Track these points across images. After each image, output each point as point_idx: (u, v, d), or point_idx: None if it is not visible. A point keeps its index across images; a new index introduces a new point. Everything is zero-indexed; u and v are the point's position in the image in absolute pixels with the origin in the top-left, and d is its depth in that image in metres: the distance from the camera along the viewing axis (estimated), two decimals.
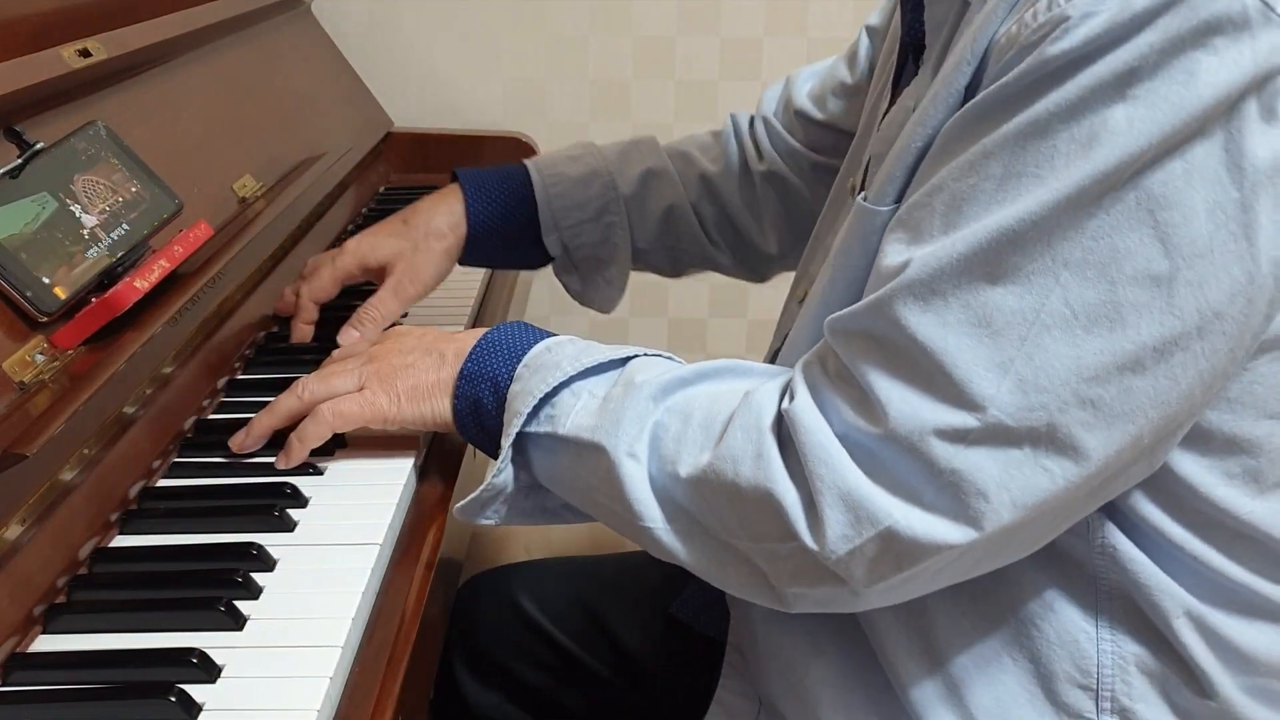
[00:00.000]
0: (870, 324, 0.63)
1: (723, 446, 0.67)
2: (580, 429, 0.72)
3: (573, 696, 1.06)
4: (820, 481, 0.62)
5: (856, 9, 1.69)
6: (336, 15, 1.63)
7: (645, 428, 0.70)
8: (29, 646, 0.67)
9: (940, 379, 0.60)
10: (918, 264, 0.61)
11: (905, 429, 0.60)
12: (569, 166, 1.10)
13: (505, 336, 0.79)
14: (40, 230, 0.81)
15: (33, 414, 0.71)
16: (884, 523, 0.61)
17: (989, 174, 0.60)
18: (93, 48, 0.94)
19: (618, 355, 0.76)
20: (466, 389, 0.79)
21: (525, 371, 0.76)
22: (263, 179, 1.15)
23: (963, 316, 0.60)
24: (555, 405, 0.74)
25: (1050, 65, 0.57)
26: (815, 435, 0.63)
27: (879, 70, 0.92)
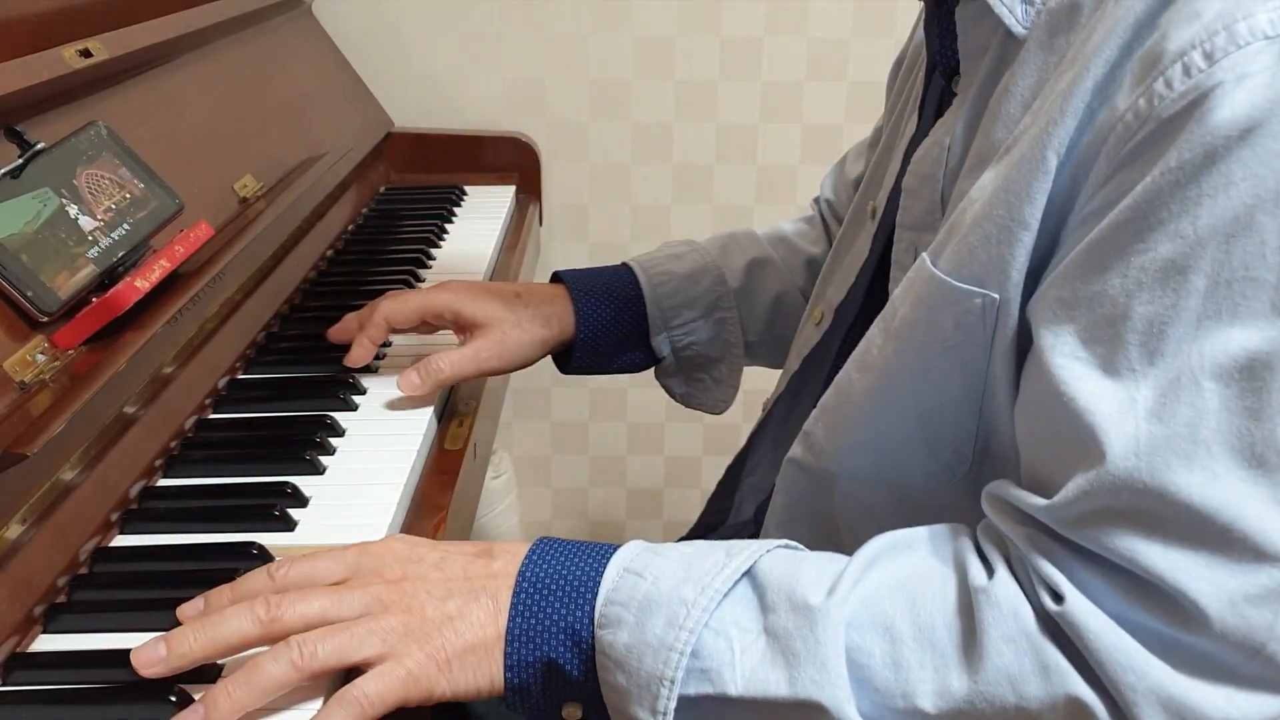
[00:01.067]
0: (1120, 501, 0.54)
1: (988, 666, 0.56)
2: (766, 685, 0.57)
3: None
4: (1131, 691, 0.54)
5: (856, 9, 1.69)
6: (337, 15, 1.63)
7: (842, 659, 0.57)
8: (29, 646, 0.67)
9: (1231, 538, 0.53)
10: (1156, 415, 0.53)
11: (1216, 610, 0.53)
12: (674, 264, 1.04)
13: (553, 566, 0.63)
14: (41, 230, 0.81)
15: (33, 414, 0.71)
16: (1214, 718, 0.54)
17: (1190, 288, 0.52)
18: (93, 48, 0.95)
19: (738, 564, 0.61)
20: (525, 653, 0.61)
21: (621, 613, 0.60)
22: (263, 179, 1.15)
23: (1233, 463, 0.53)
24: (701, 656, 0.58)
25: (1220, 142, 0.51)
26: (1108, 638, 0.54)
27: (900, 89, 0.89)
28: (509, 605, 0.61)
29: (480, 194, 1.55)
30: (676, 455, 1.95)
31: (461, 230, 1.41)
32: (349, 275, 1.23)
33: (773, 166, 1.78)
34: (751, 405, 1.92)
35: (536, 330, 0.97)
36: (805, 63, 1.72)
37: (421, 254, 1.29)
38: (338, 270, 1.25)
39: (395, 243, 1.33)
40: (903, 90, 0.89)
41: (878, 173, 0.88)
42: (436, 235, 1.37)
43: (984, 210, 0.61)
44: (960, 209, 0.64)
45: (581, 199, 1.78)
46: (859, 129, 1.75)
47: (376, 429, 0.90)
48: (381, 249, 1.31)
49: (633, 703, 0.58)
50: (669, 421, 1.92)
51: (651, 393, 1.91)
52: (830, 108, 1.75)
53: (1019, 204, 0.59)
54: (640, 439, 1.94)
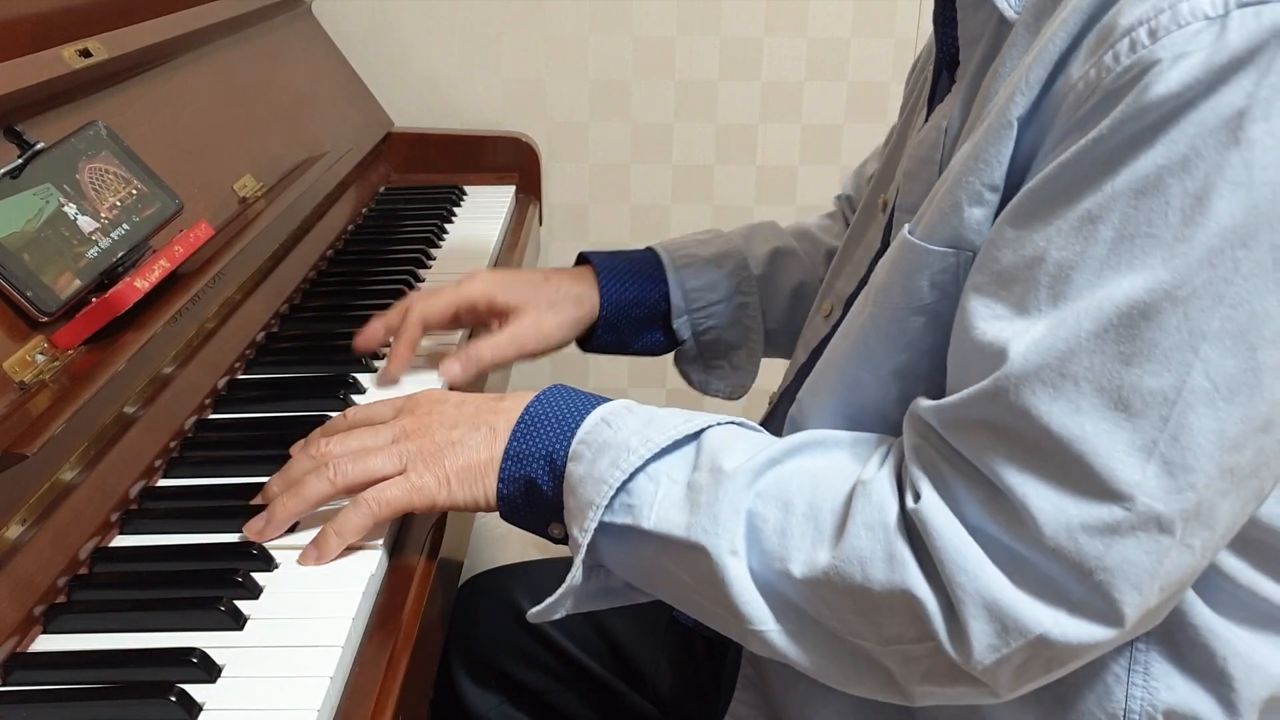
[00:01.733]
0: (994, 415, 0.58)
1: (846, 546, 0.62)
2: (670, 525, 0.66)
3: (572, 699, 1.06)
4: (961, 590, 0.58)
5: (856, 9, 1.69)
6: (337, 15, 1.63)
7: (740, 518, 0.65)
8: (29, 646, 0.67)
9: (1081, 471, 0.56)
10: (1038, 345, 0.57)
11: (1051, 529, 0.56)
12: (699, 248, 1.06)
13: (551, 408, 0.73)
14: (41, 230, 0.81)
15: (33, 414, 0.71)
16: (1034, 632, 0.57)
17: (1097, 238, 0.56)
18: (93, 48, 0.95)
19: (689, 429, 0.70)
20: (514, 470, 0.72)
21: (584, 450, 0.69)
22: (263, 179, 1.15)
23: (1098, 401, 0.56)
24: (632, 493, 0.68)
25: (1149, 114, 0.54)
26: (951, 540, 0.59)
27: (913, 87, 0.90)
28: (509, 432, 0.72)
29: (480, 194, 1.55)
30: None
31: (461, 230, 1.41)
32: (349, 275, 1.23)
33: (773, 166, 1.78)
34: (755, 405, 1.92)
35: (569, 310, 1.01)
36: (805, 63, 1.72)
37: (421, 254, 1.29)
38: (338, 270, 1.25)
39: (395, 243, 1.33)
40: (915, 88, 0.90)
41: (889, 167, 0.88)
42: (436, 235, 1.37)
43: (957, 178, 0.64)
44: (938, 181, 0.68)
45: (581, 199, 1.78)
46: (859, 129, 1.75)
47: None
48: (381, 249, 1.30)
49: (574, 521, 0.69)
50: None
51: (651, 393, 1.91)
52: (830, 108, 1.75)
53: (988, 170, 0.62)
54: None
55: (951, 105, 0.72)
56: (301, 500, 0.74)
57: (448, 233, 1.39)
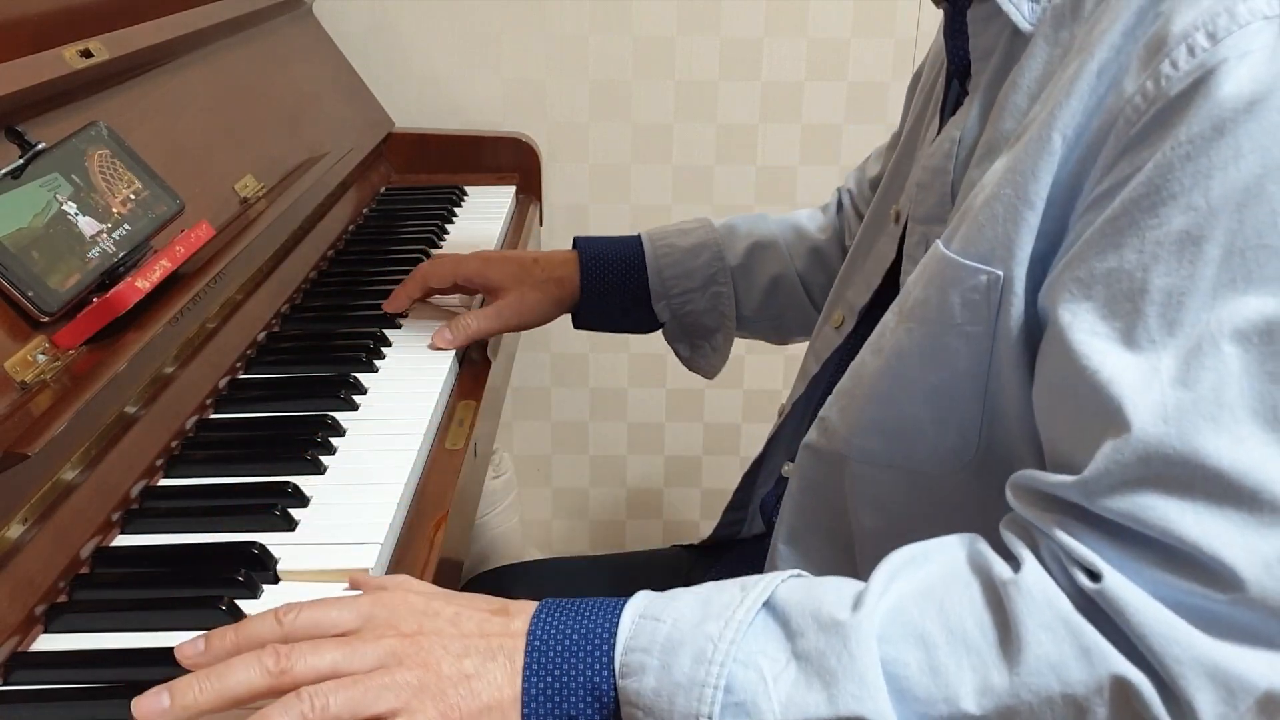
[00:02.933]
0: (1150, 470, 0.54)
1: (1028, 658, 0.55)
2: (805, 708, 0.56)
3: None
4: (1177, 664, 0.53)
5: (856, 9, 1.69)
6: (337, 15, 1.63)
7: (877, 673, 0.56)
8: (30, 646, 0.67)
9: (1260, 500, 0.53)
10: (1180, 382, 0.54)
11: (1253, 573, 0.52)
12: (680, 238, 1.13)
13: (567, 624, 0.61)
14: (42, 230, 0.81)
15: (34, 414, 0.71)
16: (1261, 688, 0.53)
17: (1205, 258, 0.54)
18: (94, 48, 0.95)
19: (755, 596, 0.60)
20: (545, 713, 0.59)
21: (645, 660, 0.58)
22: (264, 179, 1.16)
23: (1257, 427, 0.53)
24: (733, 690, 0.57)
25: (1226, 115, 0.53)
26: (1147, 612, 0.54)
27: (921, 96, 0.90)
28: (524, 666, 0.59)
29: (480, 194, 1.55)
30: (676, 455, 1.95)
31: (462, 230, 1.41)
32: (350, 275, 1.23)
33: (773, 166, 1.78)
34: (752, 405, 1.93)
35: (551, 290, 1.09)
36: (805, 63, 1.72)
37: (422, 254, 1.29)
38: (338, 270, 1.25)
39: (396, 243, 1.33)
40: (922, 96, 0.90)
41: (897, 177, 0.88)
42: (437, 235, 1.37)
43: (993, 192, 0.63)
44: (972, 195, 0.66)
45: (581, 199, 1.78)
46: (859, 129, 1.75)
47: (377, 429, 0.90)
48: (382, 249, 1.31)
49: None
50: (669, 421, 1.92)
51: (651, 392, 1.91)
52: (830, 108, 1.75)
53: (1025, 184, 0.61)
54: (640, 439, 1.94)
55: (965, 116, 0.72)
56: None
57: (448, 233, 1.40)
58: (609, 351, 1.87)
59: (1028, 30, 0.65)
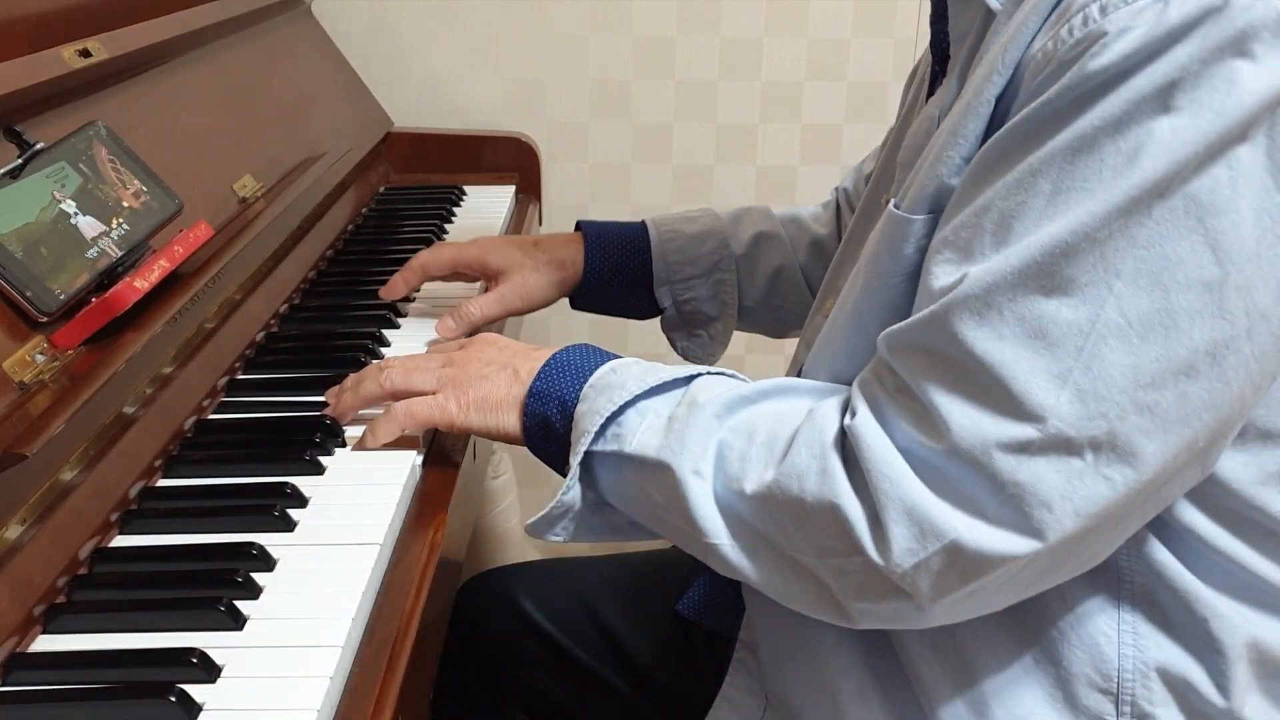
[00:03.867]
0: (927, 339, 0.64)
1: (787, 463, 0.68)
2: (646, 447, 0.73)
3: (573, 698, 1.06)
4: (884, 496, 0.63)
5: (856, 9, 1.69)
6: (336, 15, 1.63)
7: (710, 446, 0.71)
8: (29, 646, 0.67)
9: (999, 392, 0.61)
10: (972, 279, 0.62)
11: (967, 443, 0.61)
12: (685, 225, 1.14)
13: (573, 357, 0.82)
14: (41, 230, 0.81)
15: (33, 414, 0.71)
16: (949, 536, 0.62)
17: (1038, 190, 0.61)
18: (93, 48, 0.95)
19: (681, 375, 0.77)
20: (535, 407, 0.81)
21: (591, 391, 0.77)
22: (263, 179, 1.15)
23: (1019, 330, 0.60)
24: (621, 424, 0.75)
25: (1091, 81, 0.59)
26: (878, 450, 0.64)
27: (914, 89, 0.93)
28: (531, 376, 0.81)
29: (480, 194, 1.55)
30: None
31: (461, 230, 1.41)
32: (349, 275, 1.23)
33: (773, 166, 1.78)
34: None
35: (552, 273, 1.10)
36: (805, 63, 1.72)
37: None
38: (337, 270, 1.24)
39: (395, 243, 1.33)
40: (913, 89, 0.92)
41: (888, 168, 0.89)
42: (436, 235, 1.36)
43: (938, 153, 0.68)
44: (919, 158, 0.72)
45: (581, 199, 1.78)
46: (859, 129, 1.75)
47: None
48: (381, 249, 1.30)
49: (572, 450, 0.76)
50: None
51: None
52: (830, 108, 1.75)
53: (964, 144, 0.67)
54: None
55: (943, 96, 0.74)
56: (357, 395, 0.87)
57: (448, 233, 1.39)
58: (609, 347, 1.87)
59: (996, 9, 0.69)
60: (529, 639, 1.07)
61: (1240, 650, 0.69)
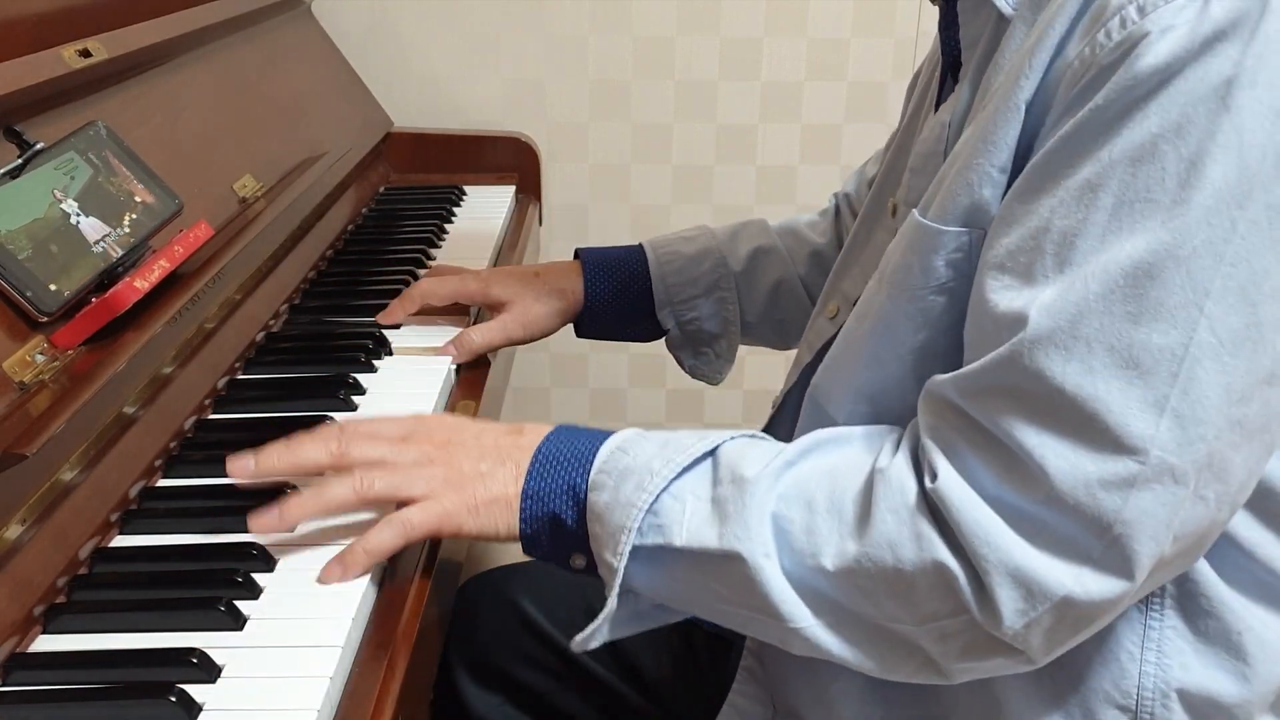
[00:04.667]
0: (1007, 379, 0.61)
1: (874, 533, 0.64)
2: (702, 538, 0.68)
3: (572, 699, 1.06)
4: (985, 561, 0.60)
5: (856, 9, 1.69)
6: (336, 15, 1.63)
7: (767, 522, 0.67)
8: (29, 646, 0.67)
9: (1096, 428, 0.58)
10: (1049, 310, 0.59)
11: (1068, 485, 0.59)
12: (683, 246, 1.14)
13: (565, 444, 0.75)
14: (41, 230, 0.81)
15: (33, 414, 0.71)
16: (1058, 594, 0.60)
17: (1098, 205, 0.59)
18: (93, 48, 0.95)
19: (704, 446, 0.72)
20: (536, 509, 0.74)
21: (605, 479, 0.71)
22: (263, 179, 1.15)
23: (1109, 360, 0.58)
24: (659, 514, 0.69)
25: (1141, 84, 0.57)
26: (969, 512, 0.61)
27: (918, 92, 0.92)
28: (526, 471, 0.74)
29: (480, 194, 1.55)
30: None
31: (461, 230, 1.41)
32: (349, 275, 1.23)
33: (772, 166, 1.78)
34: (753, 404, 1.93)
35: (554, 303, 1.10)
36: (805, 63, 1.72)
37: (421, 254, 1.29)
38: (337, 270, 1.25)
39: (395, 243, 1.33)
40: (919, 92, 0.91)
41: (893, 170, 0.89)
42: (436, 235, 1.37)
43: (966, 160, 0.66)
44: (945, 165, 0.70)
45: (581, 199, 1.78)
46: (859, 129, 1.75)
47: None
48: (381, 249, 1.30)
49: (604, 548, 0.70)
50: (669, 422, 1.92)
51: (651, 393, 1.91)
52: (830, 108, 1.75)
53: (996, 152, 0.65)
54: None
55: (955, 102, 0.73)
56: (322, 503, 0.74)
57: (448, 233, 1.39)
58: (609, 352, 1.87)
59: (1009, 14, 0.68)
60: (529, 639, 1.06)
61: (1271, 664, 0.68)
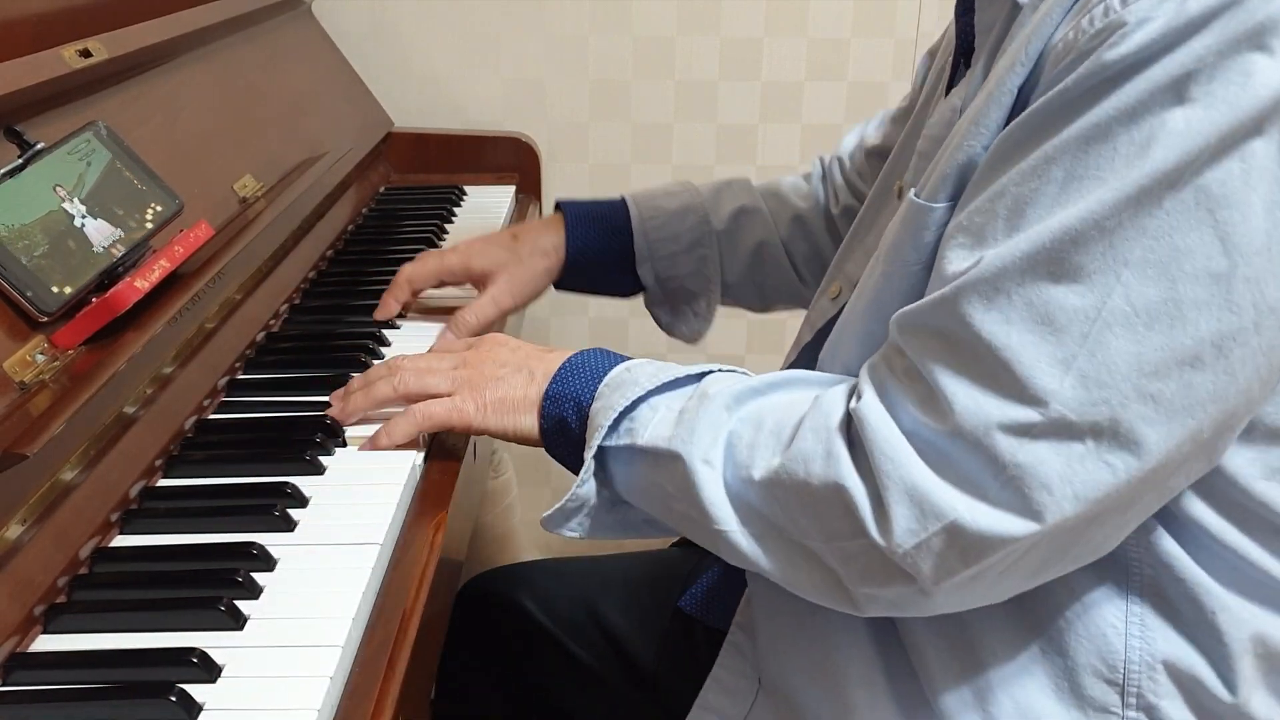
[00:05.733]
0: (936, 320, 0.64)
1: (794, 448, 0.69)
2: (657, 439, 0.74)
3: (574, 697, 1.06)
4: (886, 477, 0.64)
5: (856, 9, 1.69)
6: (336, 15, 1.63)
7: (720, 436, 0.73)
8: (29, 646, 0.67)
9: (1004, 375, 0.61)
10: (984, 263, 0.62)
11: (970, 424, 0.62)
12: (666, 201, 1.14)
13: (589, 359, 0.82)
14: (41, 230, 0.81)
15: (33, 414, 0.71)
16: (949, 516, 0.62)
17: (1051, 177, 0.61)
18: (93, 48, 0.95)
19: (693, 372, 0.79)
20: (552, 408, 0.82)
21: (606, 390, 0.79)
22: (263, 179, 1.15)
23: (1026, 314, 0.61)
24: (634, 419, 0.76)
25: (1108, 70, 0.59)
26: (881, 431, 0.65)
27: (933, 77, 0.92)
28: (547, 378, 0.82)
29: (480, 194, 1.55)
30: None
31: (461, 230, 1.41)
32: (349, 275, 1.23)
33: (773, 167, 1.77)
34: None
35: (538, 262, 1.11)
36: (805, 63, 1.72)
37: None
38: (338, 270, 1.25)
39: (395, 243, 1.33)
40: (934, 77, 0.92)
41: (903, 153, 0.89)
42: (436, 235, 1.37)
43: (959, 143, 0.68)
44: (940, 148, 0.72)
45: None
46: None
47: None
48: (381, 249, 1.30)
49: (586, 446, 0.77)
50: None
51: None
52: (830, 108, 1.75)
53: (986, 134, 0.67)
54: None
55: (966, 87, 0.74)
56: (368, 397, 0.87)
57: (448, 233, 1.39)
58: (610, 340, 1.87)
59: (1024, 2, 0.69)
60: (530, 639, 1.07)
61: (1246, 645, 0.69)
